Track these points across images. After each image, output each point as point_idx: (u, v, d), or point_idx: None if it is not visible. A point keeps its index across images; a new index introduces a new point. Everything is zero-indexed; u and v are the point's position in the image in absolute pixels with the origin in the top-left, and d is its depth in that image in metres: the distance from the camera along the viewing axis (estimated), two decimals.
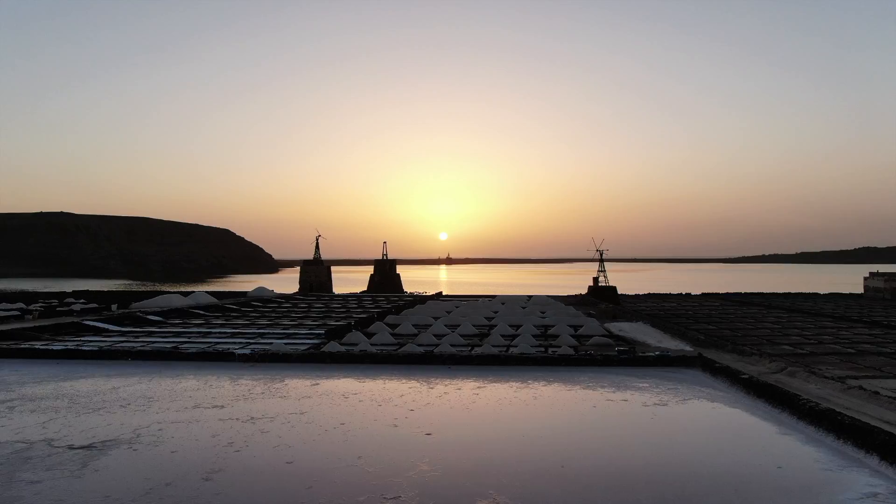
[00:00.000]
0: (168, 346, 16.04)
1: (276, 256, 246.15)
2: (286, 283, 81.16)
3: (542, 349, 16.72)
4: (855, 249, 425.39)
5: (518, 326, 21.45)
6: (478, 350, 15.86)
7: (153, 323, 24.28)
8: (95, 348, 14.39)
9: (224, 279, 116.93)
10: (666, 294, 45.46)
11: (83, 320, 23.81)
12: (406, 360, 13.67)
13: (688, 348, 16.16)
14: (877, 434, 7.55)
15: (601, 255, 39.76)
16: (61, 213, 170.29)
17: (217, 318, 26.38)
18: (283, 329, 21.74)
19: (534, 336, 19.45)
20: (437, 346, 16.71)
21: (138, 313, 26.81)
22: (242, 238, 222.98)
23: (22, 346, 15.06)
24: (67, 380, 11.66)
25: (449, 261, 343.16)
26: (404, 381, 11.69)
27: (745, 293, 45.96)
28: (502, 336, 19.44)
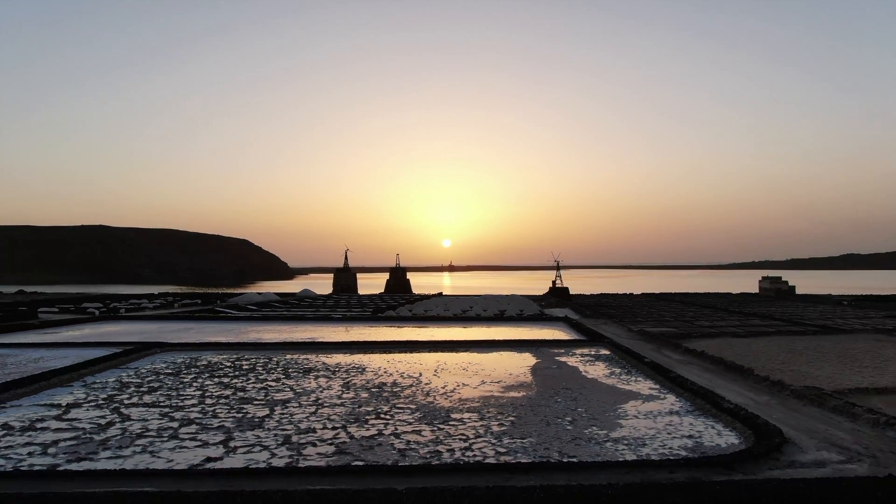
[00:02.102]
0: (293, 314, 28.55)
1: (289, 264, 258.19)
2: (309, 287, 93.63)
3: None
4: (840, 256, 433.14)
5: (485, 309, 33.92)
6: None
7: (254, 310, 36.70)
8: (261, 315, 26.95)
9: (254, 285, 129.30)
10: (614, 294, 57.85)
11: (214, 308, 36.30)
12: (421, 319, 26.17)
13: (572, 316, 28.59)
14: (593, 332, 20.02)
15: (558, 264, 52.45)
16: (101, 226, 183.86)
17: (290, 308, 38.79)
18: (342, 312, 34.13)
19: (493, 314, 31.88)
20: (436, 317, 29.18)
21: (240, 304, 39.29)
22: (260, 248, 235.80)
23: (221, 314, 27.61)
24: (265, 326, 24.15)
25: (451, 268, 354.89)
26: (421, 327, 24.19)
27: (674, 293, 58.40)
28: (475, 314, 31.89)
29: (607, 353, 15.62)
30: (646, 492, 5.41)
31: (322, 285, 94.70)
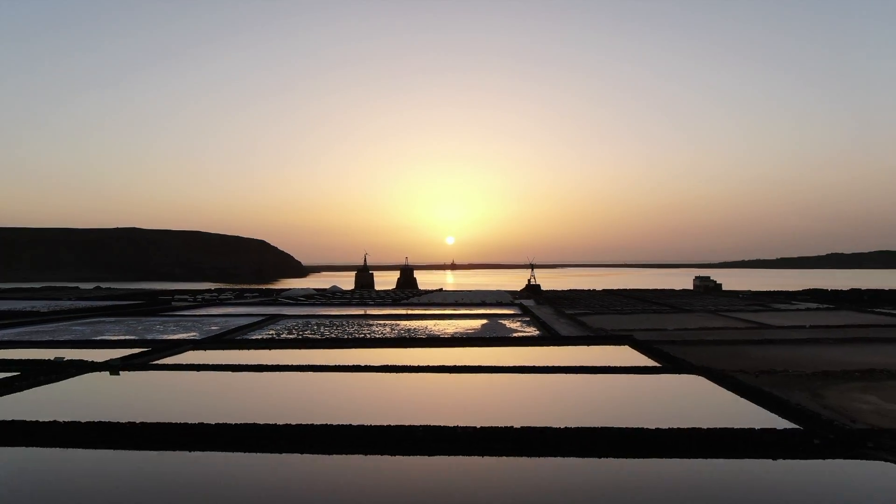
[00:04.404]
0: (340, 301, 41.05)
1: (302, 263, 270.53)
2: (323, 286, 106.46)
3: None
4: (827, 255, 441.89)
5: (472, 300, 46.41)
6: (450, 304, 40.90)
7: (304, 300, 49.14)
8: (319, 302, 39.46)
9: (276, 282, 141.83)
10: (579, 289, 70.28)
11: (278, 298, 48.78)
12: (426, 305, 38.73)
13: (528, 303, 40.96)
14: (531, 310, 32.49)
15: (532, 265, 65.00)
16: (133, 228, 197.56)
17: (329, 298, 51.23)
18: (372, 301, 46.59)
19: (476, 303, 44.30)
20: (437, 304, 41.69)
21: (292, 296, 51.79)
22: (276, 248, 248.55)
23: (292, 303, 40.14)
24: (326, 308, 36.64)
25: (453, 266, 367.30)
26: (425, 310, 36.70)
27: (628, 289, 70.84)
28: (464, 303, 44.36)
29: (527, 319, 28.15)
30: (504, 341, 17.94)
31: (338, 283, 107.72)
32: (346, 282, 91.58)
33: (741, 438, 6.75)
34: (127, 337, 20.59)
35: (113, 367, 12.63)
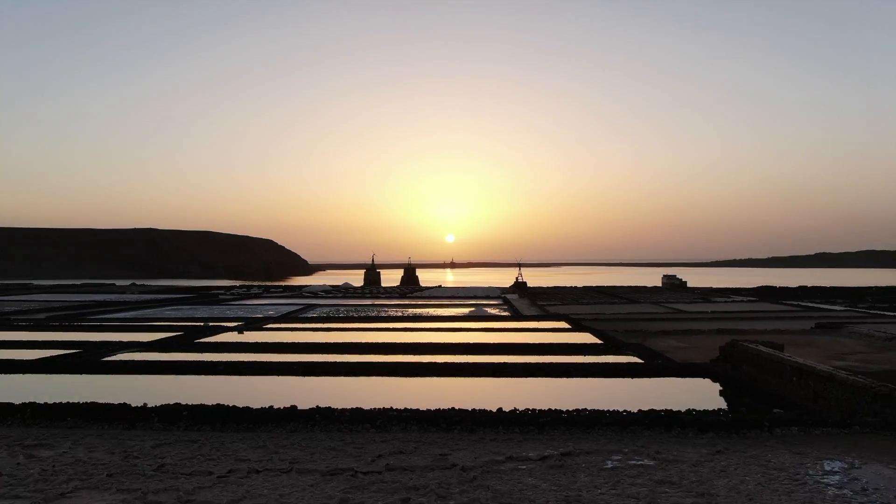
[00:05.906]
0: (355, 295, 48.98)
1: (307, 261, 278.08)
2: (330, 283, 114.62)
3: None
4: (815, 254, 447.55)
5: (466, 295, 54.35)
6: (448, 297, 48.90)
7: (325, 294, 57.00)
8: (339, 296, 47.41)
9: (286, 280, 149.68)
10: (562, 286, 78.16)
11: (303, 292, 56.65)
12: (428, 297, 46.75)
13: (511, 297, 48.85)
14: (511, 301, 40.45)
15: (520, 265, 73.20)
16: (150, 228, 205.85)
17: (345, 293, 59.09)
18: (383, 295, 54.49)
19: (469, 297, 52.20)
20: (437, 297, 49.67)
21: (312, 291, 59.66)
22: (283, 247, 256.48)
23: (316, 297, 48.12)
24: (346, 300, 44.61)
25: (452, 265, 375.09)
26: (427, 301, 44.68)
27: (603, 286, 78.78)
28: (459, 297, 52.29)
29: (506, 307, 36.15)
30: (481, 319, 25.91)
31: (346, 280, 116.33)
32: (352, 279, 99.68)
33: (573, 347, 14.77)
34: (213, 316, 28.51)
35: (239, 329, 20.62)
